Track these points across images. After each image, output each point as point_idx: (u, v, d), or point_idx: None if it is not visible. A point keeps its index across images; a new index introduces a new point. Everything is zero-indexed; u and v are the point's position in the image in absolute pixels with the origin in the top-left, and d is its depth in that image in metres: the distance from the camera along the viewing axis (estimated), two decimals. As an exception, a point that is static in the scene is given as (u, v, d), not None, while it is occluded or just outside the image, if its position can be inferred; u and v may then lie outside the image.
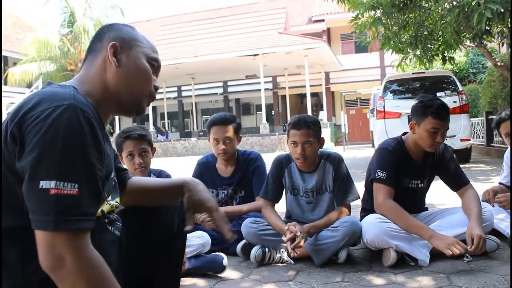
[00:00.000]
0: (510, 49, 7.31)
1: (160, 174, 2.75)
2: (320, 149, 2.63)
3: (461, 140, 7.93)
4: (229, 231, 1.36)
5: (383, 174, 2.47)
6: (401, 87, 8.61)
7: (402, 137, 2.62)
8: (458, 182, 2.57)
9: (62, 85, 1.12)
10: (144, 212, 1.40)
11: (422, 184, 2.63)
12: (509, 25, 6.75)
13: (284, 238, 2.37)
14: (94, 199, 1.01)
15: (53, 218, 0.92)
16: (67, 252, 0.93)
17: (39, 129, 0.95)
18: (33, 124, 0.96)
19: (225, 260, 2.34)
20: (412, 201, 2.61)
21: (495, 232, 2.61)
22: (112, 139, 2.39)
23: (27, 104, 1.01)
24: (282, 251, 2.51)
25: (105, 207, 1.18)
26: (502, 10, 5.30)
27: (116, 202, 1.27)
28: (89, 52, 1.23)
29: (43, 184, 0.93)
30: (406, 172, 2.55)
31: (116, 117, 22.05)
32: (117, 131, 20.16)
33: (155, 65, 1.26)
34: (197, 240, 2.40)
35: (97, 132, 1.03)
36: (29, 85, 20.39)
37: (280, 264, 2.49)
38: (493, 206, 2.61)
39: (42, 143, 0.94)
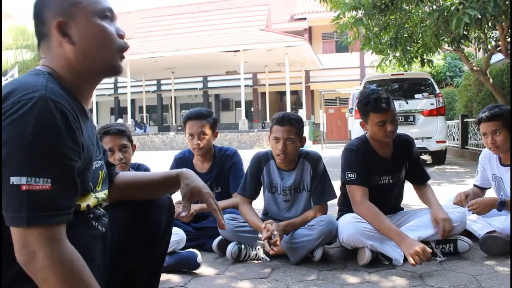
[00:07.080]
0: (510, 53, 7.39)
1: (138, 167, 2.71)
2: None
3: (437, 142, 8.09)
4: (222, 218, 1.40)
5: (353, 175, 2.49)
6: (380, 88, 8.70)
7: (366, 135, 2.64)
8: (422, 177, 2.69)
9: (37, 72, 1.09)
10: (132, 209, 1.37)
11: (392, 179, 2.63)
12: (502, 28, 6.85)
13: (260, 235, 2.37)
14: (69, 192, 0.99)
15: (25, 215, 0.91)
16: (39, 248, 0.92)
17: (9, 124, 0.93)
18: (3, 118, 0.94)
19: (199, 257, 2.32)
20: (386, 198, 2.63)
21: (468, 233, 2.66)
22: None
23: None
24: (258, 248, 2.50)
25: (91, 201, 1.15)
26: (480, 16, 5.40)
27: (104, 194, 1.24)
28: (40, 38, 1.15)
29: (14, 180, 0.91)
30: (374, 169, 2.56)
31: (94, 113, 21.70)
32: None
33: (109, 15, 1.16)
34: (172, 237, 2.36)
35: (71, 123, 1.00)
36: (4, 73, 19.90)
37: (255, 261, 2.48)
38: (464, 207, 2.68)
39: (12, 138, 0.92)
